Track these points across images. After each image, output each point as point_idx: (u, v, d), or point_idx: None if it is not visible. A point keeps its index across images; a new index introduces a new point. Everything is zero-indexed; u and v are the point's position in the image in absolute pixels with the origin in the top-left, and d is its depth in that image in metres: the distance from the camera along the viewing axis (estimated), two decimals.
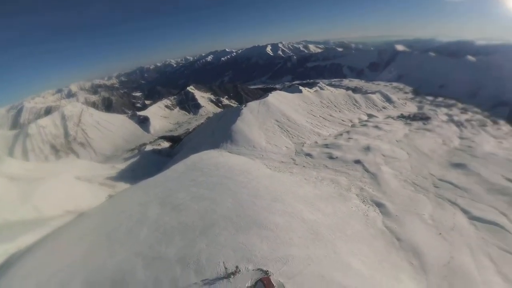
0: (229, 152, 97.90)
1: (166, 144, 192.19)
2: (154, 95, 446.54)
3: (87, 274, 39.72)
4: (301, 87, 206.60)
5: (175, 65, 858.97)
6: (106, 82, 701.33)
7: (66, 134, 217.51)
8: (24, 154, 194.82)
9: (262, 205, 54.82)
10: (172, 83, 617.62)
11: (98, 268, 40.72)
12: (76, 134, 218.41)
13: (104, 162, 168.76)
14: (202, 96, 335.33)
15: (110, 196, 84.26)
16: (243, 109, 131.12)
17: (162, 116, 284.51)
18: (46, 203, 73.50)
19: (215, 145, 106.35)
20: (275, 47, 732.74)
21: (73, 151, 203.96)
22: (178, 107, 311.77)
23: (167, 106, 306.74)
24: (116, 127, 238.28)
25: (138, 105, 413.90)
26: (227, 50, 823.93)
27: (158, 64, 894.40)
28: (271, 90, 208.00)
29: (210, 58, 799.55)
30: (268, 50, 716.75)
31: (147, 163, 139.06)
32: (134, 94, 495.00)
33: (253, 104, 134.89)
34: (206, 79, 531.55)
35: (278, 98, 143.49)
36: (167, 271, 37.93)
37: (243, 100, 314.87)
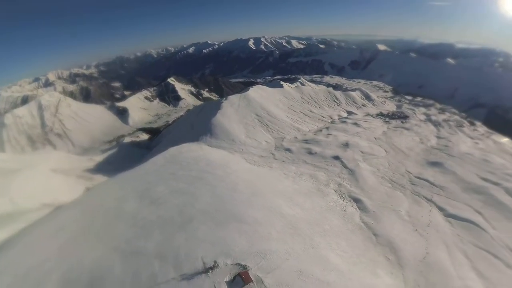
0: (208, 146, 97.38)
1: (145, 136, 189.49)
2: (133, 86, 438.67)
3: (64, 271, 38.67)
4: (282, 82, 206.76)
5: (155, 55, 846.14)
6: (85, 71, 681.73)
7: (43, 125, 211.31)
8: (0, 145, 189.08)
9: (241, 199, 54.86)
10: (152, 74, 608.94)
11: (75, 264, 39.70)
12: (53, 124, 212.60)
13: (81, 154, 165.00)
14: (183, 88, 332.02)
15: (87, 189, 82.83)
16: (223, 102, 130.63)
17: (142, 107, 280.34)
18: (22, 196, 71.28)
19: (195, 138, 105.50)
20: (257, 41, 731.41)
21: (50, 143, 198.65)
22: (157, 99, 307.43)
23: (146, 98, 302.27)
24: (94, 118, 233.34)
25: (117, 95, 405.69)
26: (209, 42, 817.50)
27: (139, 54, 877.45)
28: (252, 84, 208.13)
29: (191, 50, 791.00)
30: (251, 44, 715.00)
31: (125, 156, 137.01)
32: (113, 84, 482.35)
33: (233, 98, 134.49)
34: (187, 71, 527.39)
35: (259, 92, 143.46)
36: (146, 266, 37.40)
37: (224, 93, 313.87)
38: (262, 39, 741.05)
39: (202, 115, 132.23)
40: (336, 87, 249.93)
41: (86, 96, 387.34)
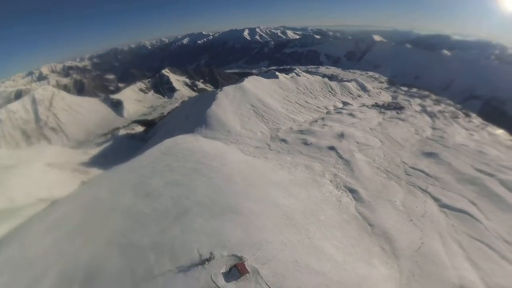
0: (203, 137, 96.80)
1: (140, 128, 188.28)
2: (127, 78, 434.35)
3: (62, 266, 38.59)
4: (277, 73, 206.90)
5: (149, 47, 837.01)
6: (78, 64, 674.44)
7: (37, 119, 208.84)
8: None
9: (236, 190, 54.83)
10: (147, 65, 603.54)
11: (71, 259, 39.58)
12: (48, 118, 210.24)
13: (76, 148, 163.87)
14: (177, 80, 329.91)
15: (83, 183, 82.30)
16: (218, 93, 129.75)
17: (136, 99, 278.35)
18: (18, 192, 70.67)
19: (190, 129, 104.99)
20: (252, 31, 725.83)
21: (44, 137, 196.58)
22: (152, 91, 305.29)
23: (141, 90, 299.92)
24: (88, 111, 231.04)
25: (111, 88, 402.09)
26: (204, 33, 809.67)
27: (132, 45, 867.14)
28: (247, 75, 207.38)
29: (186, 41, 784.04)
30: (246, 34, 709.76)
31: (120, 148, 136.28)
32: (107, 76, 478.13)
33: (228, 89, 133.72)
34: (181, 62, 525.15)
35: (254, 83, 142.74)
36: (142, 259, 37.35)
37: (219, 84, 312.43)
38: (257, 30, 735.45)
39: (197, 107, 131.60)
40: (331, 77, 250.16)
41: (80, 89, 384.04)
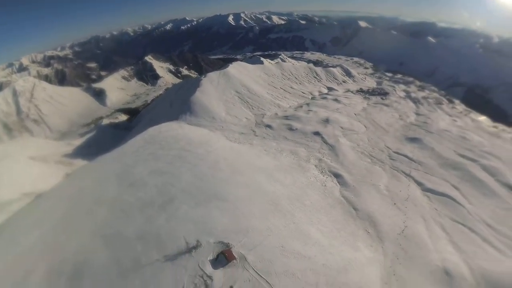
0: (188, 124, 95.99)
1: (123, 117, 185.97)
2: (110, 66, 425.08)
3: (49, 261, 38.10)
4: (262, 58, 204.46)
5: (132, 33, 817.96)
6: (59, 53, 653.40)
7: (19, 111, 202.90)
8: None
9: (221, 177, 54.64)
10: (129, 52, 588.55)
11: (59, 252, 39.12)
12: (29, 110, 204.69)
13: (59, 139, 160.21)
14: (161, 66, 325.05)
15: (67, 175, 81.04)
16: (202, 79, 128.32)
17: (119, 87, 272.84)
18: (2, 187, 69.39)
19: (174, 117, 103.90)
20: (237, 16, 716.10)
21: (26, 129, 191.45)
22: (135, 78, 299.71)
23: (124, 77, 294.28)
24: (70, 101, 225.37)
25: (93, 76, 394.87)
26: (187, 18, 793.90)
27: (114, 32, 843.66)
28: (232, 61, 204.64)
29: (169, 27, 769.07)
30: (230, 19, 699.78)
31: (104, 138, 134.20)
32: (88, 65, 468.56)
33: (213, 75, 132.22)
34: (165, 49, 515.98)
35: (238, 69, 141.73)
36: (129, 249, 37.18)
37: (203, 70, 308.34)
38: (242, 15, 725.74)
39: (181, 94, 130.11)
40: (316, 63, 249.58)
41: (62, 79, 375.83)
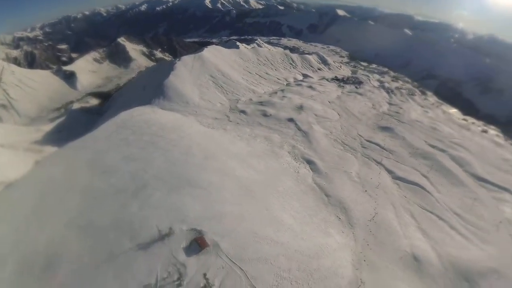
0: (161, 109, 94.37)
1: (95, 101, 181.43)
2: (81, 47, 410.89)
3: (21, 252, 37.20)
4: (238, 43, 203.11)
5: (105, 14, 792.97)
6: (29, 35, 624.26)
7: None
8: None
9: (194, 163, 54.34)
10: (102, 34, 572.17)
11: (30, 244, 38.17)
12: None
13: (29, 125, 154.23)
14: (134, 49, 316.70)
15: (37, 163, 78.06)
16: (176, 63, 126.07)
17: (90, 70, 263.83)
18: None
19: (147, 101, 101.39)
20: None
21: None
22: (107, 61, 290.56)
23: (95, 60, 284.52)
24: (40, 85, 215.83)
25: (64, 58, 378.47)
26: None
27: (86, 12, 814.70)
28: (207, 45, 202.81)
29: (143, 8, 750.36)
30: (207, 2, 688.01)
31: (75, 123, 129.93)
32: (59, 46, 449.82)
33: (187, 59, 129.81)
34: (138, 30, 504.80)
35: (214, 53, 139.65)
36: (101, 239, 36.74)
37: (178, 53, 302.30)
38: None
39: (154, 77, 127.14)
40: (293, 50, 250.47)
41: (31, 61, 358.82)
